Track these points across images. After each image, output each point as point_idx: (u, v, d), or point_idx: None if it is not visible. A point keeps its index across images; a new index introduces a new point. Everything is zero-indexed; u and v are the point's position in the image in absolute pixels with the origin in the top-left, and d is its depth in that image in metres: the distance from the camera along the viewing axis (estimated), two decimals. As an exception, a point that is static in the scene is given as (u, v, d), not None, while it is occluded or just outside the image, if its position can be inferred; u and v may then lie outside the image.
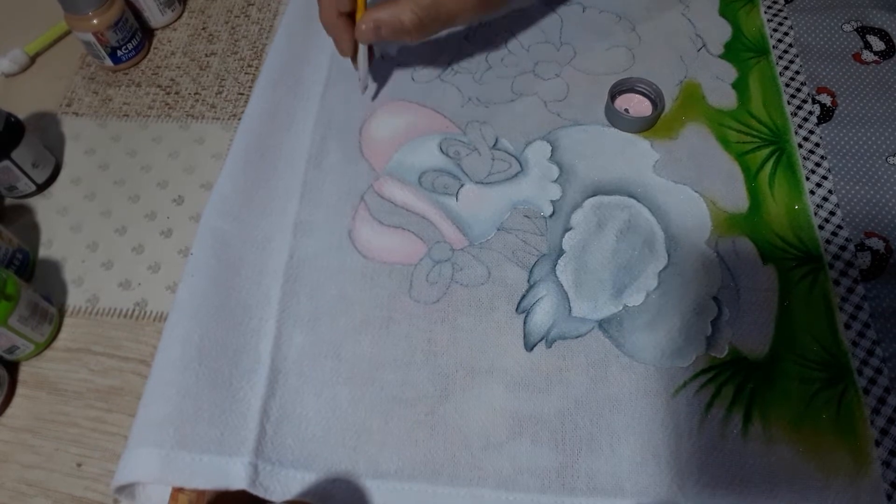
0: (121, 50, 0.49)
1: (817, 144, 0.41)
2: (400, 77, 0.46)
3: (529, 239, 0.38)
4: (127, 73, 0.51)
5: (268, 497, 0.31)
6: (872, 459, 0.32)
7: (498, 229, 0.39)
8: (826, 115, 0.42)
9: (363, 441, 0.33)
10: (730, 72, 0.45)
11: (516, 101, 0.44)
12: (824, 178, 0.40)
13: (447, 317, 0.36)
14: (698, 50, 0.46)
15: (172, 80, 0.50)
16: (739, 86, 0.44)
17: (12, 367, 0.38)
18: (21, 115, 0.44)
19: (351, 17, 0.39)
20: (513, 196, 0.40)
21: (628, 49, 0.46)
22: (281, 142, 0.42)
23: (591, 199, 0.40)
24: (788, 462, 0.32)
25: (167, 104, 0.49)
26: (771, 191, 0.40)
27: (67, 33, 0.53)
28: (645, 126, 0.42)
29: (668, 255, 0.38)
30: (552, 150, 0.42)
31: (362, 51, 0.41)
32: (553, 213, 0.39)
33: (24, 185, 0.44)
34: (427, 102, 0.44)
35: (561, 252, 0.38)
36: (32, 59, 0.52)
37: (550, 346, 0.35)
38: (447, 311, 0.36)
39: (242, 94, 0.49)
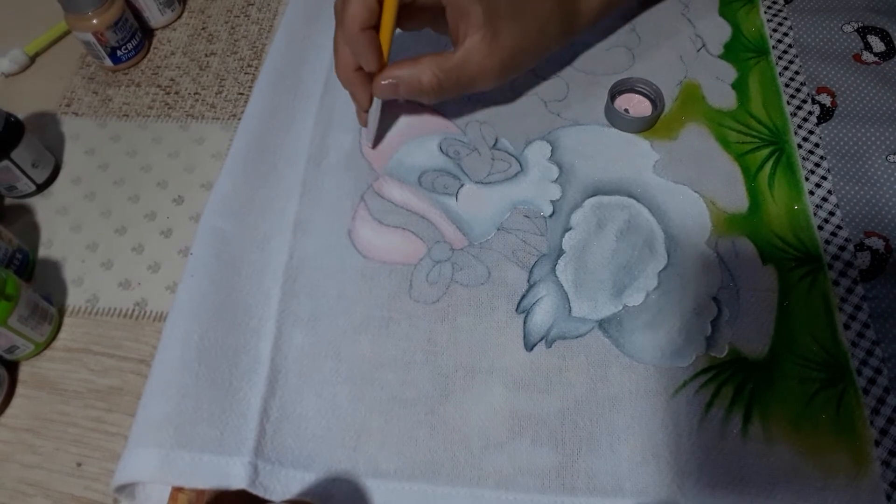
0: (120, 50, 0.49)
1: (817, 144, 0.41)
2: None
3: (529, 239, 0.38)
4: (127, 73, 0.51)
5: (268, 497, 0.31)
6: (872, 459, 0.32)
7: (498, 229, 0.39)
8: (826, 115, 0.42)
9: (363, 441, 0.33)
10: (729, 72, 0.45)
11: (516, 101, 0.44)
12: (824, 178, 0.40)
13: (447, 317, 0.36)
14: (698, 50, 0.46)
15: (172, 80, 0.50)
16: (739, 86, 0.44)
17: (12, 367, 0.38)
18: (21, 115, 0.44)
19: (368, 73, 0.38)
20: (513, 196, 0.40)
21: (628, 49, 0.46)
22: (281, 142, 0.42)
23: (590, 199, 0.40)
24: (788, 462, 0.32)
25: (167, 104, 0.49)
26: (770, 191, 0.40)
27: (67, 33, 0.53)
28: (645, 126, 0.42)
29: (668, 255, 0.38)
30: (552, 150, 0.42)
31: (376, 105, 0.39)
32: (553, 213, 0.39)
33: (24, 185, 0.44)
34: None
35: (561, 252, 0.38)
36: (32, 59, 0.52)
37: (550, 346, 0.35)
38: (447, 311, 0.36)
39: (242, 94, 0.49)
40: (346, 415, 0.33)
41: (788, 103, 0.43)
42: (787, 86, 0.44)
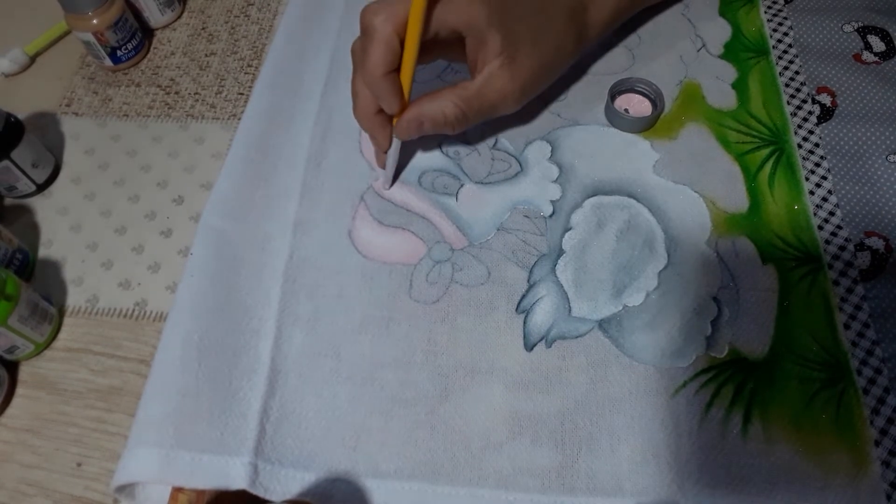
0: (121, 50, 0.49)
1: (817, 144, 0.41)
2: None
3: (529, 239, 0.38)
4: (127, 73, 0.51)
5: (268, 497, 0.31)
6: (872, 459, 0.32)
7: (498, 229, 0.39)
8: (826, 114, 0.42)
9: (363, 441, 0.33)
10: (729, 72, 0.45)
11: (516, 101, 0.44)
12: (824, 178, 0.40)
13: (447, 317, 0.36)
14: (698, 50, 0.46)
15: (172, 80, 0.50)
16: (739, 86, 0.44)
17: (12, 367, 0.38)
18: (21, 115, 0.44)
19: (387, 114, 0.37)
20: (513, 196, 0.40)
21: (628, 49, 0.46)
22: (281, 142, 0.42)
23: (590, 199, 0.40)
24: (788, 462, 0.32)
25: (167, 104, 0.49)
26: (771, 191, 0.40)
27: (67, 33, 0.53)
28: (645, 126, 0.42)
29: (668, 255, 0.38)
30: (552, 150, 0.42)
31: (395, 146, 0.38)
32: (553, 213, 0.39)
33: (24, 185, 0.44)
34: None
35: (561, 252, 0.38)
36: (32, 59, 0.52)
37: (550, 346, 0.35)
38: (447, 311, 0.36)
39: (242, 94, 0.49)
40: (345, 415, 0.33)
41: (788, 103, 0.43)
42: (787, 86, 0.44)
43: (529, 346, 0.35)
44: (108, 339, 0.39)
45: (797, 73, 0.44)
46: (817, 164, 0.40)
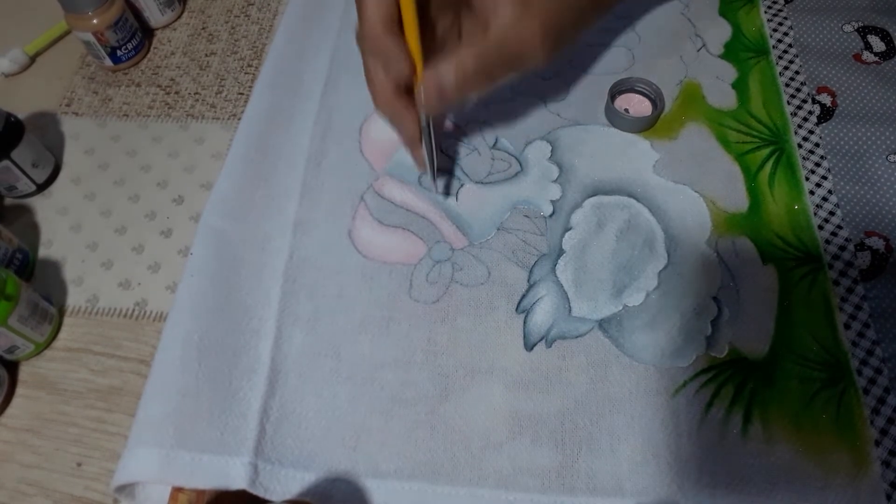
0: (121, 50, 0.49)
1: (817, 144, 0.41)
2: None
3: (529, 239, 0.38)
4: (127, 73, 0.51)
5: (267, 497, 0.31)
6: (872, 459, 0.32)
7: (498, 229, 0.39)
8: (826, 114, 0.42)
9: (363, 441, 0.33)
10: (730, 72, 0.45)
11: (516, 101, 0.44)
12: (824, 178, 0.40)
13: (447, 317, 0.36)
14: (698, 50, 0.46)
15: (172, 79, 0.50)
16: (739, 86, 0.44)
17: (12, 367, 0.38)
18: (21, 115, 0.44)
19: (410, 92, 0.34)
20: (513, 196, 0.40)
21: (628, 49, 0.46)
22: (281, 142, 0.42)
23: (590, 199, 0.40)
24: (788, 462, 0.32)
25: (167, 104, 0.49)
26: (771, 191, 0.40)
27: (67, 33, 0.53)
28: (645, 126, 0.42)
29: (668, 255, 0.38)
30: (552, 150, 0.42)
31: (427, 136, 0.35)
32: (553, 212, 0.39)
33: (24, 185, 0.44)
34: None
35: (561, 252, 0.38)
36: (32, 59, 0.52)
37: (550, 346, 0.35)
38: (447, 311, 0.36)
39: (242, 93, 0.49)
40: (345, 415, 0.33)
41: (789, 103, 0.43)
42: (787, 85, 0.44)
43: (529, 346, 0.35)
44: (108, 339, 0.39)
45: (797, 72, 0.44)
46: (817, 164, 0.40)
